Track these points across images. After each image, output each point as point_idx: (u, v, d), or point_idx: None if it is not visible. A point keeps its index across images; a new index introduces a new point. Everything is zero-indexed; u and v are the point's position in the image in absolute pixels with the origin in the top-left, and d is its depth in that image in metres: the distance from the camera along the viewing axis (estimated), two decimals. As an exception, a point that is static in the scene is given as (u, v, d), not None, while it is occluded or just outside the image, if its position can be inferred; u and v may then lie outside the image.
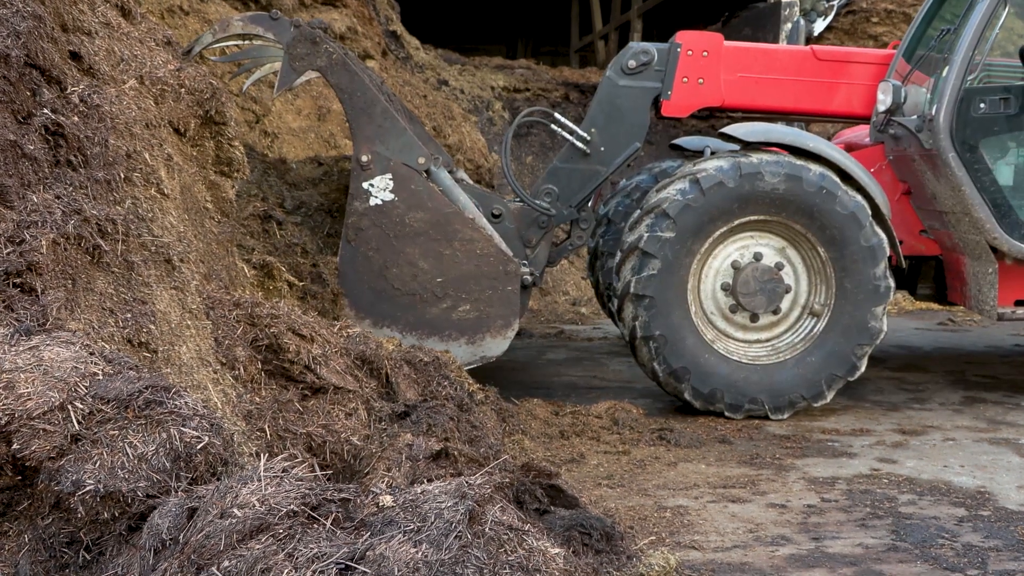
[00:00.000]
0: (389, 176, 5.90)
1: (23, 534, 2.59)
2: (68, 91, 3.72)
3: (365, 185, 5.89)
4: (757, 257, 6.08)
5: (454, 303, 5.98)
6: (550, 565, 2.38)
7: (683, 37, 6.73)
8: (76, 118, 3.63)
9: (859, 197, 5.98)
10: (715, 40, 6.78)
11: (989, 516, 4.39)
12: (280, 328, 4.18)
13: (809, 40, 12.95)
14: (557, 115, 6.77)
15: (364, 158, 5.88)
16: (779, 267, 6.09)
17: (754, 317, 6.12)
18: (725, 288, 6.10)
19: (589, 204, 6.82)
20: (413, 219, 5.92)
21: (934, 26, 6.88)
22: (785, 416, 6.02)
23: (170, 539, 2.33)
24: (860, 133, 7.42)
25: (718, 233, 6.00)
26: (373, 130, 5.94)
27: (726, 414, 6.00)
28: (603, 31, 19.45)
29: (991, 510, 4.47)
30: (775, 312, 6.12)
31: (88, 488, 2.50)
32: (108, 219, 3.40)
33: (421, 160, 6.01)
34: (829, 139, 7.71)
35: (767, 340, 6.19)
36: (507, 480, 3.54)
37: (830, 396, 6.06)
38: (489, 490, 2.47)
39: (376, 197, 5.89)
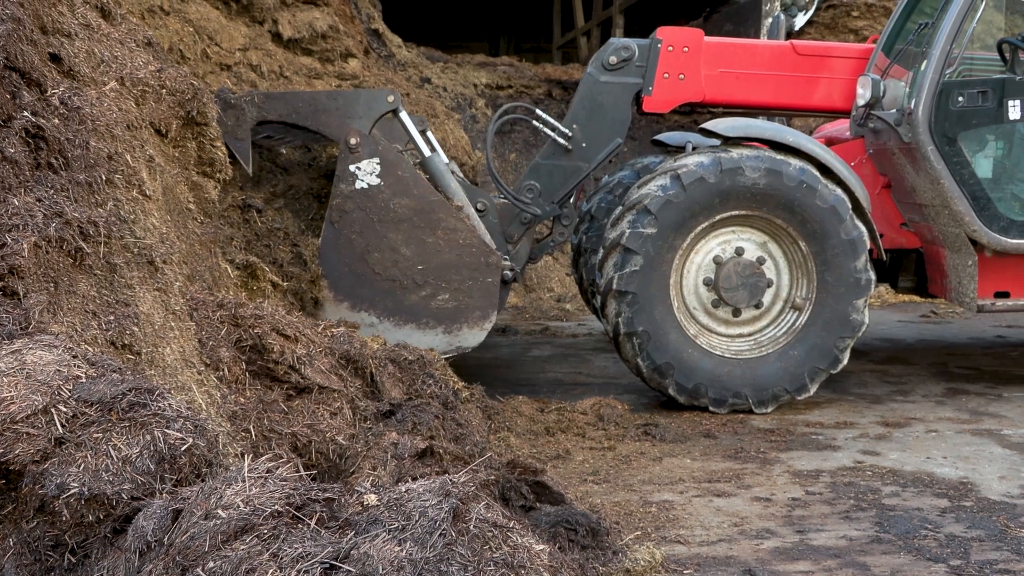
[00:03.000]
0: (376, 160, 5.91)
1: (7, 538, 2.58)
2: (48, 93, 3.71)
3: (352, 168, 5.89)
4: (739, 252, 6.11)
5: (433, 291, 5.98)
6: (535, 561, 2.39)
7: (663, 33, 6.75)
8: (56, 120, 3.61)
9: (839, 191, 6.01)
10: (695, 36, 6.80)
11: (972, 507, 4.42)
12: (264, 328, 4.18)
13: (790, 35, 13.00)
14: (539, 111, 6.78)
15: (353, 140, 5.88)
16: (761, 261, 6.12)
17: (736, 312, 6.15)
18: (707, 283, 6.12)
19: (571, 201, 6.84)
20: (398, 205, 5.92)
21: (912, 20, 6.91)
22: (769, 410, 6.05)
23: (155, 541, 2.33)
24: (841, 127, 7.46)
25: (700, 228, 6.02)
26: (335, 116, 5.97)
27: (710, 409, 6.03)
28: (585, 27, 19.48)
29: (973, 501, 4.51)
30: (757, 306, 6.15)
31: (72, 491, 2.50)
32: (90, 221, 3.39)
33: (390, 99, 6.04)
34: (810, 134, 7.74)
35: (750, 334, 6.21)
36: (492, 477, 3.56)
37: (813, 389, 6.09)
38: (473, 488, 2.48)
39: (362, 180, 5.89)
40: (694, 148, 6.41)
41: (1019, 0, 6.87)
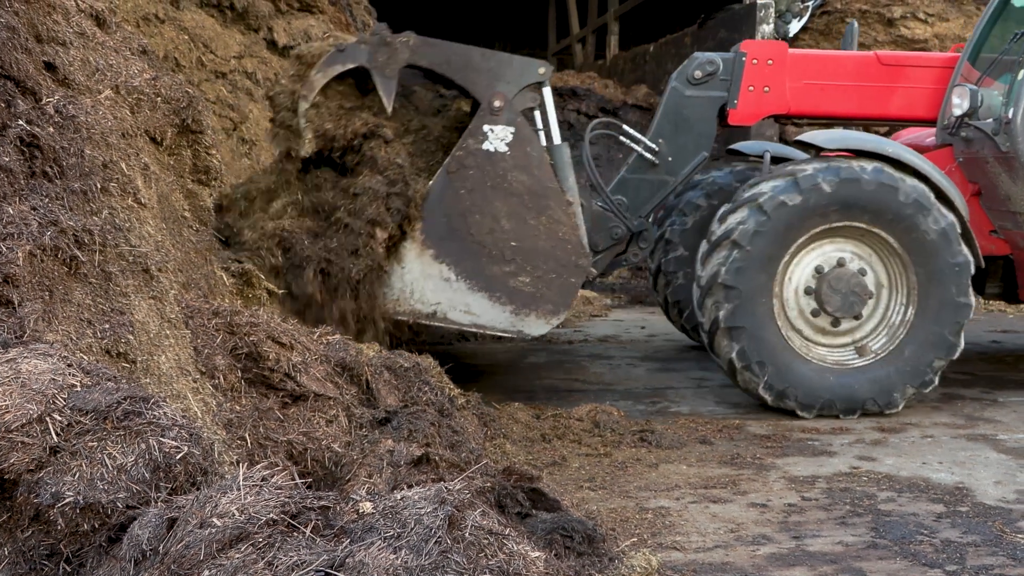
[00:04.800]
0: (512, 129, 5.97)
1: (2, 547, 2.58)
2: (43, 102, 3.71)
3: (486, 128, 5.95)
4: (840, 263, 6.21)
5: (517, 271, 6.01)
6: (530, 568, 2.39)
7: (748, 46, 6.89)
8: (51, 129, 3.61)
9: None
10: (780, 48, 6.92)
11: (967, 512, 4.43)
12: (259, 336, 4.17)
13: (786, 40, 13.02)
14: (626, 127, 6.87)
15: (497, 103, 5.94)
16: (863, 273, 6.21)
17: (836, 322, 6.21)
18: (808, 292, 6.20)
19: (650, 219, 6.94)
20: (515, 178, 5.97)
21: (998, 30, 6.95)
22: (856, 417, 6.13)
23: (150, 550, 2.33)
24: (919, 135, 7.47)
25: (818, 229, 6.09)
26: (485, 76, 6.01)
27: (798, 413, 6.08)
28: (580, 34, 19.53)
29: (969, 506, 4.51)
30: (856, 318, 6.21)
31: (67, 500, 2.50)
32: (85, 230, 3.39)
33: (541, 71, 6.10)
34: None
35: (842, 345, 6.28)
36: (488, 484, 3.56)
37: (901, 406, 6.16)
38: (469, 495, 2.49)
39: (491, 143, 5.95)
40: (772, 157, 6.53)
41: None
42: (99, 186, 3.69)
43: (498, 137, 5.94)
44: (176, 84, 4.87)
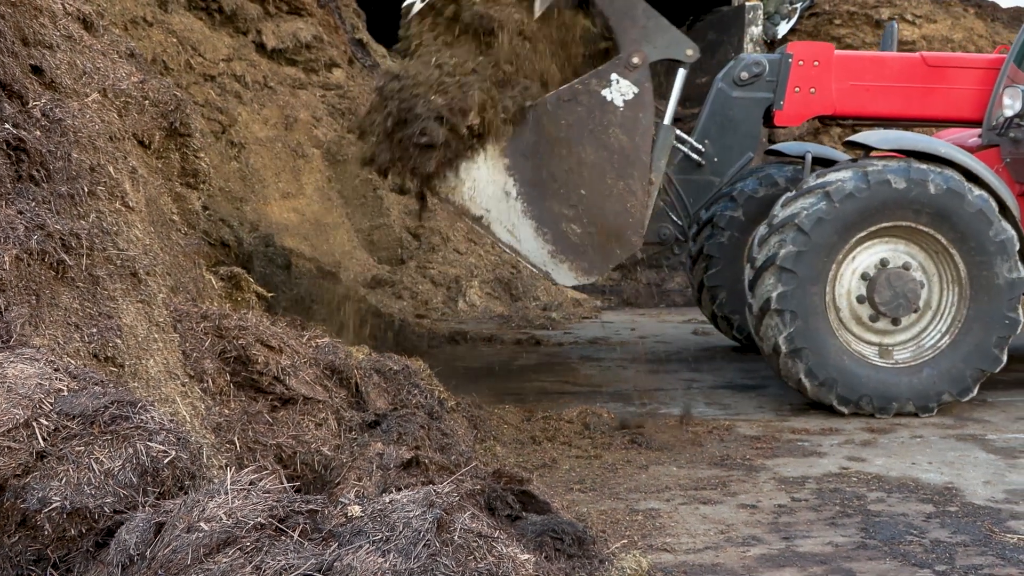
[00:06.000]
0: (636, 90, 5.97)
1: (-11, 553, 2.57)
2: (30, 105, 3.70)
3: (613, 76, 5.94)
4: (907, 267, 6.24)
5: (573, 217, 6.01)
6: (520, 571, 2.39)
7: (794, 48, 6.95)
8: (38, 132, 3.60)
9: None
10: (826, 50, 6.98)
11: (956, 512, 4.44)
12: (248, 339, 4.16)
13: (773, 42, 13.07)
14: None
15: (635, 60, 5.94)
16: (921, 285, 6.24)
17: (875, 317, 6.25)
18: (864, 277, 6.23)
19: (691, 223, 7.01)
20: (614, 134, 5.98)
21: None
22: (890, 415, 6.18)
23: (137, 555, 2.33)
24: (962, 135, 7.52)
25: (880, 226, 6.12)
26: (638, 32, 5.99)
27: (835, 406, 6.12)
28: (570, 36, 19.47)
29: (958, 505, 4.52)
30: (894, 322, 6.26)
31: (55, 505, 2.49)
32: (72, 234, 3.38)
33: (689, 52, 6.13)
34: None
35: (869, 342, 6.31)
36: (478, 487, 3.55)
37: (935, 411, 6.22)
38: (458, 497, 2.48)
39: (611, 92, 5.95)
40: (814, 158, 6.58)
41: None
42: (86, 190, 3.68)
43: (620, 90, 5.94)
44: (164, 87, 4.86)
